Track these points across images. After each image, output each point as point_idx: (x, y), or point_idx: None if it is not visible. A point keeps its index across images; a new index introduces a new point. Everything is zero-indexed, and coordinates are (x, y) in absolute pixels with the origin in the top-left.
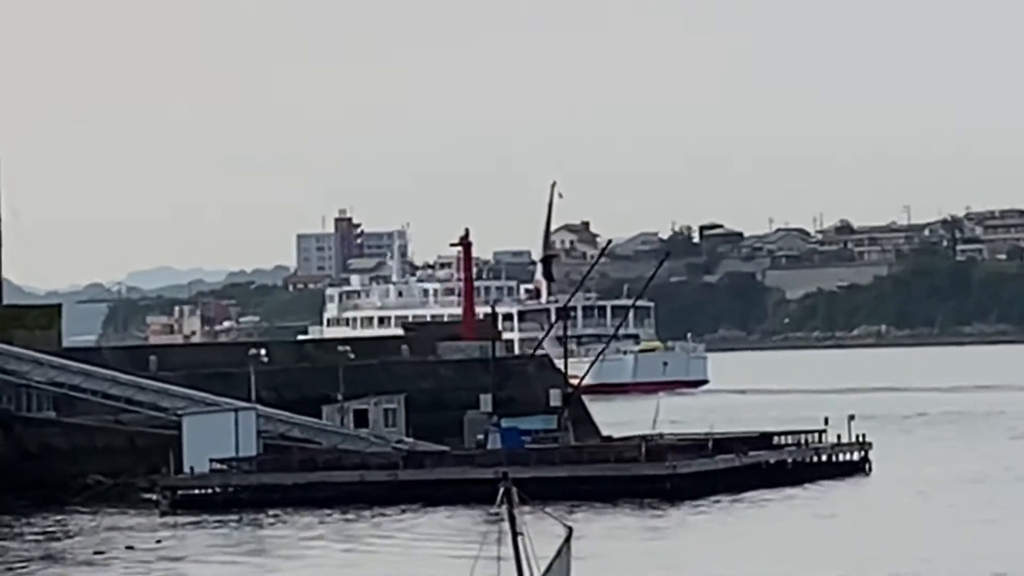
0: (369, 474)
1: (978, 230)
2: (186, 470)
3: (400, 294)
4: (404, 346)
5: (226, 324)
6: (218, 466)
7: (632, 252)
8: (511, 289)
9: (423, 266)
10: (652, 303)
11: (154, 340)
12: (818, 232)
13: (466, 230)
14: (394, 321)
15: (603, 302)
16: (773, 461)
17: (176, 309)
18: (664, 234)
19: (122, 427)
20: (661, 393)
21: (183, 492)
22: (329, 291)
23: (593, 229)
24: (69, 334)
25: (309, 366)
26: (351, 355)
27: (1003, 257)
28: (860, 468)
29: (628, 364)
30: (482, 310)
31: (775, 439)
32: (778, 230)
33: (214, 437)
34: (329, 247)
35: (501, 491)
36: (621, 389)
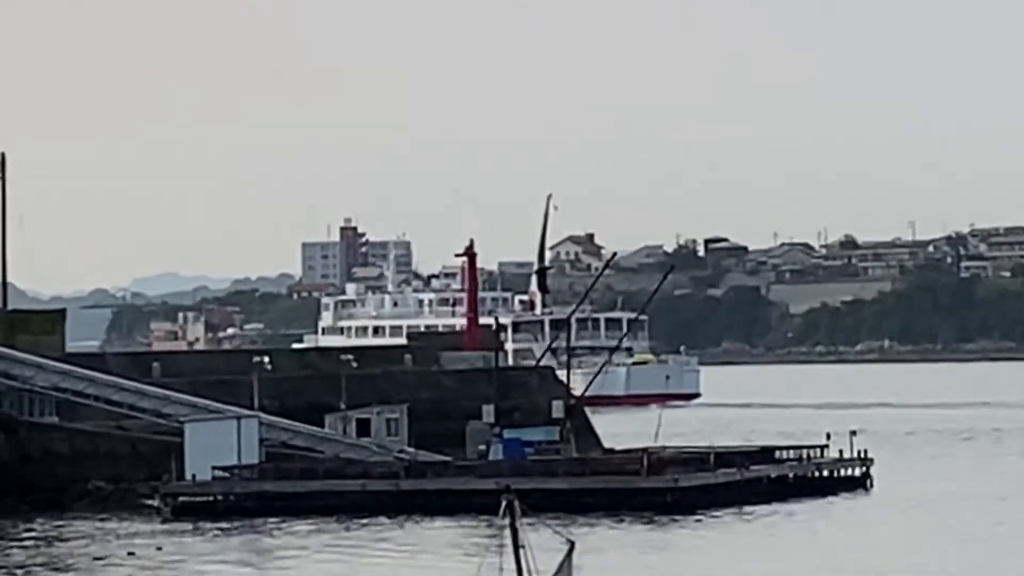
0: (371, 483)
1: (982, 247)
2: (188, 477)
3: (395, 304)
4: (407, 356)
5: (230, 331)
6: (220, 474)
7: (636, 265)
8: (506, 300)
9: (428, 276)
10: (646, 316)
11: (158, 346)
12: (822, 247)
13: (471, 240)
14: (389, 331)
15: (597, 314)
16: (774, 475)
17: (180, 316)
18: (669, 247)
19: (124, 433)
20: (653, 406)
21: (185, 499)
22: (325, 300)
23: (598, 241)
24: (73, 339)
25: (312, 374)
26: (354, 364)
27: (1007, 274)
28: (861, 484)
29: (621, 377)
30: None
31: (777, 453)
32: (782, 244)
33: (216, 444)
34: (334, 256)
35: (504, 504)
36: (614, 401)
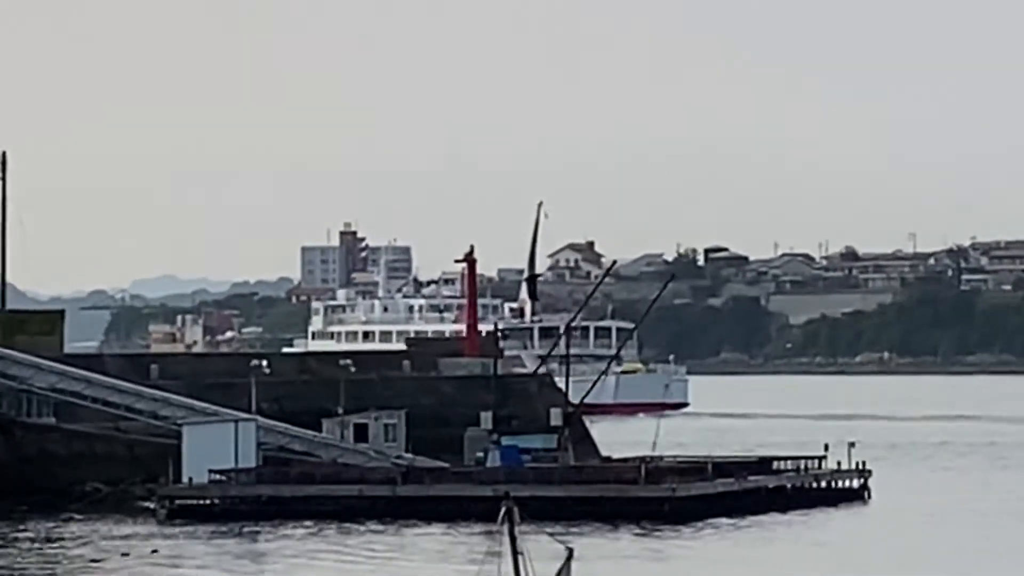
0: (368, 489)
1: (983, 260)
2: (185, 480)
3: (386, 309)
4: (406, 361)
5: (228, 335)
6: (217, 477)
7: (637, 273)
8: (496, 307)
9: (427, 282)
10: (634, 325)
11: (156, 348)
12: (823, 258)
13: (471, 247)
14: (379, 336)
15: (587, 323)
16: (772, 486)
17: (179, 318)
18: (669, 256)
19: (122, 435)
20: (642, 414)
21: (181, 502)
22: (315, 304)
23: (598, 249)
24: (71, 340)
25: (310, 379)
26: (352, 369)
27: (1008, 288)
28: (859, 495)
29: (610, 385)
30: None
31: (775, 464)
32: (783, 255)
33: (214, 447)
34: (333, 260)
35: (503, 511)
36: (603, 410)
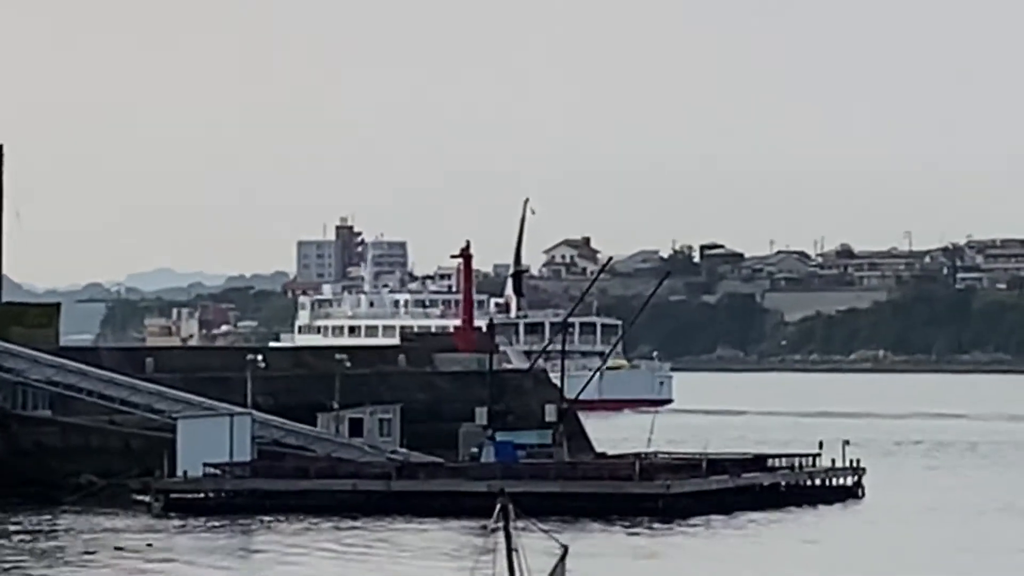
0: (362, 483)
1: (979, 259)
2: (180, 473)
3: (371, 304)
4: (401, 356)
5: (224, 328)
6: (212, 470)
7: (632, 269)
8: (481, 303)
9: (422, 277)
10: (619, 321)
11: (151, 342)
12: (818, 255)
13: (467, 242)
14: (365, 330)
15: (571, 319)
16: (766, 483)
17: (174, 312)
18: (665, 252)
19: (117, 428)
20: (626, 411)
21: (176, 495)
22: (302, 299)
23: (594, 245)
24: (67, 333)
25: (306, 373)
26: (348, 364)
27: (1003, 286)
28: (853, 493)
29: (594, 381)
30: (451, 323)
31: (769, 461)
32: (779, 252)
33: (209, 441)
34: (329, 255)
35: (498, 507)
36: (587, 406)
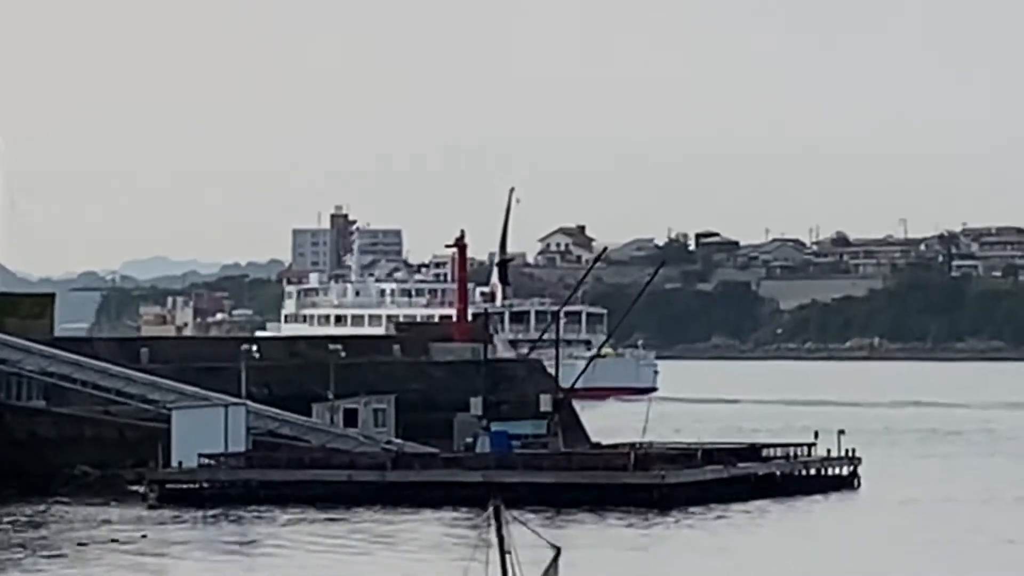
0: (357, 474)
1: (974, 246)
2: (174, 464)
3: (358, 293)
4: (396, 346)
5: (219, 316)
6: (206, 461)
7: (627, 258)
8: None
9: (417, 265)
10: (605, 310)
11: (146, 330)
12: (814, 243)
13: (462, 232)
14: (351, 319)
15: (556, 307)
16: (762, 473)
17: (169, 300)
18: (660, 240)
19: (112, 419)
20: (612, 399)
21: (171, 486)
22: (288, 288)
23: (589, 233)
24: (62, 322)
25: (300, 363)
26: (342, 354)
27: (998, 274)
28: (849, 483)
29: (579, 370)
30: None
31: (764, 451)
32: (774, 240)
33: (203, 432)
34: (324, 243)
35: (490, 508)
36: (572, 394)
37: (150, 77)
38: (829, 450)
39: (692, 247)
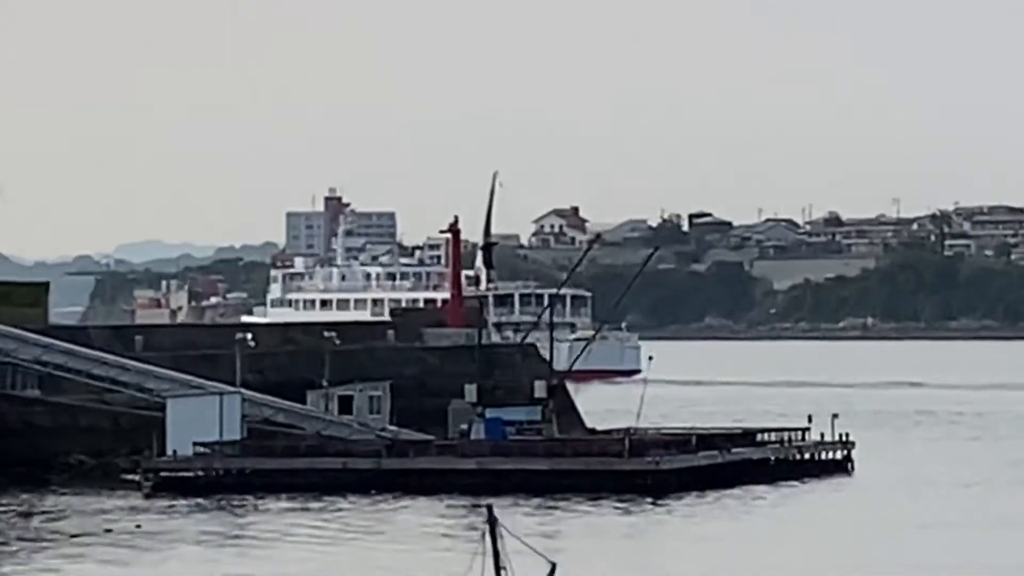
0: (352, 462)
1: (966, 226)
2: (169, 453)
3: (344, 278)
4: (390, 331)
5: (213, 300)
6: (201, 449)
7: (620, 239)
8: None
9: (411, 248)
10: (589, 293)
11: (141, 314)
12: (807, 223)
13: (455, 218)
14: (336, 304)
15: (541, 291)
16: (756, 458)
17: (164, 284)
18: (653, 221)
19: (107, 407)
20: (596, 381)
21: (166, 474)
22: (273, 272)
23: (582, 214)
24: (56, 306)
25: (295, 350)
26: (337, 341)
27: (990, 253)
28: (843, 467)
29: (563, 353)
30: (423, 295)
31: (758, 436)
32: (767, 220)
33: (198, 420)
34: (318, 226)
35: (486, 521)
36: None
37: (143, 60)
38: (823, 434)
39: (685, 228)
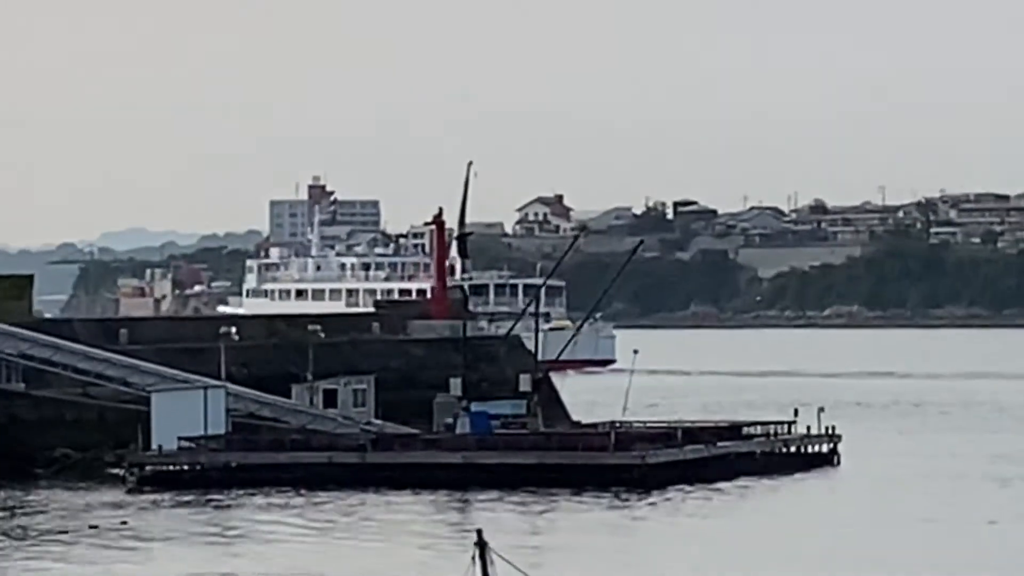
0: (337, 456)
1: (952, 213)
2: (154, 447)
3: (319, 268)
4: (375, 324)
5: (197, 288)
6: (186, 444)
7: (605, 227)
8: (427, 265)
9: (395, 236)
10: (564, 283)
11: (125, 303)
12: (792, 211)
13: (440, 209)
14: (312, 294)
15: (516, 280)
16: (742, 452)
17: (148, 272)
18: (638, 209)
19: (91, 401)
20: (571, 371)
21: (151, 469)
22: (249, 262)
23: (567, 202)
24: (40, 294)
25: (279, 343)
26: (322, 334)
27: (976, 241)
28: (829, 460)
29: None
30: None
31: (744, 430)
32: (752, 208)
33: (183, 414)
34: (302, 214)
35: (475, 543)
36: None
37: (128, 46)
38: (809, 427)
39: (670, 216)
